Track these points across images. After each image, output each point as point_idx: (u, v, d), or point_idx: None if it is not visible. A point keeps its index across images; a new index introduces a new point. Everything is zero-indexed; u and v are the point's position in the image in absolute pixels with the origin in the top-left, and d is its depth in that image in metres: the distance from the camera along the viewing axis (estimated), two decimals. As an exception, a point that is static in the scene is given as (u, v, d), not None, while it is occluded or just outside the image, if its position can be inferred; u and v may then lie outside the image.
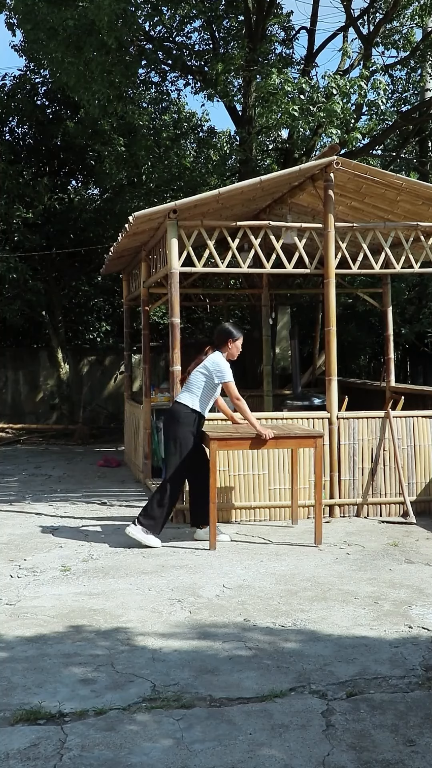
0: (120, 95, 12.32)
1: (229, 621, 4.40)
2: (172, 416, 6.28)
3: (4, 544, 6.31)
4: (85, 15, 10.85)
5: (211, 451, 6.13)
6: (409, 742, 3.03)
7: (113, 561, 5.74)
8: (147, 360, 9.23)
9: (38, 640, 4.14)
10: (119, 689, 3.53)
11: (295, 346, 11.74)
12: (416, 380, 15.55)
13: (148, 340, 9.27)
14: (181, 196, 13.05)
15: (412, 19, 13.53)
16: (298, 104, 10.30)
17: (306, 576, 5.27)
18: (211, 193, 7.11)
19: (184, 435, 6.18)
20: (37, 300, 14.05)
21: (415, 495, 7.36)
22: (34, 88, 14.97)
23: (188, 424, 6.18)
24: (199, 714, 3.28)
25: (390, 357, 10.28)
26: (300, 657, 3.87)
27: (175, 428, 6.20)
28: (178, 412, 6.23)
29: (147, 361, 9.21)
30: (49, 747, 3.02)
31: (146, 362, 9.19)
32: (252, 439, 6.09)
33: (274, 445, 6.20)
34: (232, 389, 6.20)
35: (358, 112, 11.74)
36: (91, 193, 16.56)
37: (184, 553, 5.94)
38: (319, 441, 6.28)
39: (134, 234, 7.70)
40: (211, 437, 6.05)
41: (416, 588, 4.99)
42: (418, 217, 7.95)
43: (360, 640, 4.09)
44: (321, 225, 7.43)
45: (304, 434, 6.32)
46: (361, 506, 7.28)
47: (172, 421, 6.26)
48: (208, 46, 14.01)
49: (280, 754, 2.94)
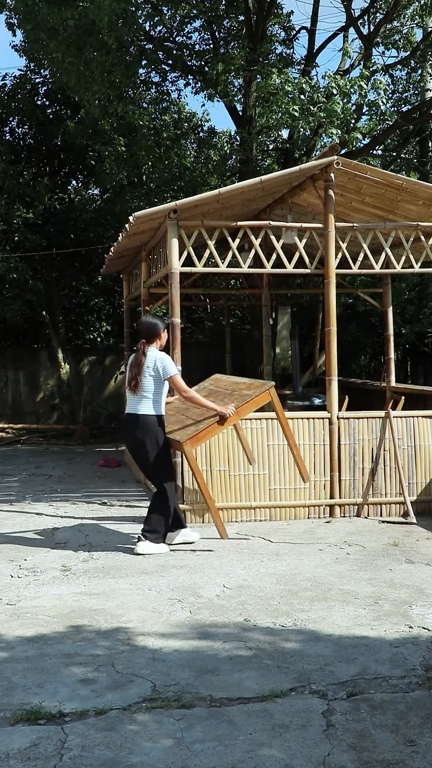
0: (120, 95, 12.33)
1: (230, 621, 4.40)
2: (145, 430, 6.00)
3: (4, 544, 6.31)
4: (86, 15, 10.85)
5: (188, 453, 6.07)
6: (409, 742, 3.03)
7: (113, 561, 5.74)
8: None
9: (38, 640, 4.14)
10: (119, 689, 3.53)
11: (295, 346, 11.74)
12: (416, 380, 15.55)
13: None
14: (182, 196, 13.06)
15: (412, 19, 13.54)
16: (298, 104, 10.30)
17: (306, 576, 5.27)
18: (211, 193, 7.11)
19: (160, 440, 6.05)
20: (38, 300, 14.05)
21: (416, 495, 7.36)
22: (35, 88, 14.97)
23: (159, 430, 6.06)
24: (200, 714, 3.28)
25: (390, 357, 10.28)
26: (300, 657, 3.87)
27: (151, 439, 6.01)
28: (147, 424, 6.01)
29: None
30: (49, 747, 3.02)
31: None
32: (217, 421, 6.11)
33: (237, 417, 6.21)
34: (179, 383, 6.08)
35: (359, 112, 11.74)
36: (92, 193, 16.57)
37: (184, 553, 5.94)
38: (272, 390, 6.32)
39: (134, 234, 7.70)
40: (181, 441, 6.00)
41: (416, 588, 4.99)
42: (418, 217, 7.95)
43: (360, 640, 4.09)
44: (321, 225, 7.43)
45: (258, 392, 6.26)
46: (361, 506, 7.28)
47: (147, 435, 6.00)
48: (209, 46, 14.01)
49: (280, 754, 2.94)
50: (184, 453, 6.14)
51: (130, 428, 6.09)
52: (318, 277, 11.98)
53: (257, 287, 11.59)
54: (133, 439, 6.10)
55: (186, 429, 6.21)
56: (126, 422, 6.16)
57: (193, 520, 6.94)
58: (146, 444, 6.02)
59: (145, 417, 6.03)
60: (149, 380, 6.04)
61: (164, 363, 6.07)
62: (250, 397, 6.24)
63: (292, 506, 7.15)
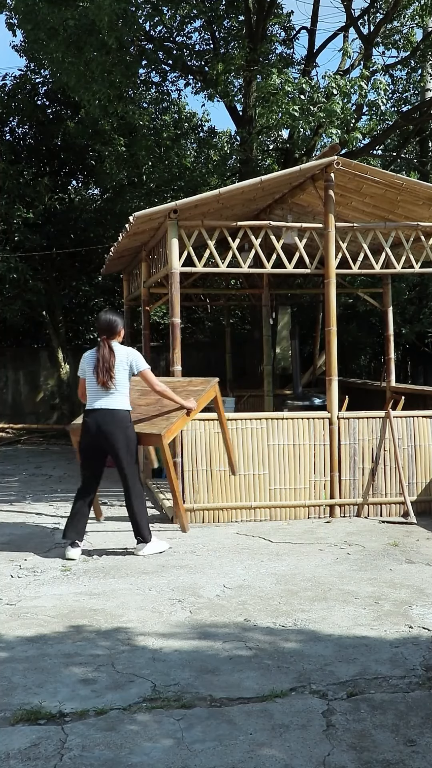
0: (120, 95, 12.33)
1: (230, 621, 4.40)
2: (120, 425, 5.93)
3: (4, 544, 6.31)
4: (86, 15, 10.85)
5: (166, 446, 6.10)
6: (409, 742, 3.03)
7: (113, 561, 5.74)
8: (147, 360, 9.22)
9: (39, 640, 4.14)
10: (120, 689, 3.53)
11: (295, 346, 11.74)
12: (416, 380, 15.55)
13: (148, 340, 9.29)
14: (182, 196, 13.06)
15: (412, 19, 13.55)
16: (298, 104, 10.30)
17: (306, 576, 5.27)
18: (211, 193, 7.12)
19: (132, 435, 6.01)
20: (38, 300, 14.05)
21: (416, 495, 7.36)
22: (35, 88, 14.98)
23: (130, 425, 6.03)
24: (200, 714, 3.28)
25: (390, 357, 10.28)
26: (300, 657, 3.87)
27: (124, 434, 5.94)
28: (123, 419, 5.96)
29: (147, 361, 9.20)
30: (49, 747, 3.02)
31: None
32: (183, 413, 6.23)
33: (198, 410, 6.38)
34: (151, 377, 6.10)
35: (359, 112, 11.74)
36: (92, 193, 16.58)
37: (184, 553, 5.94)
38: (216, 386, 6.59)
39: (135, 234, 7.70)
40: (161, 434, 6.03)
41: (417, 588, 4.98)
42: (418, 217, 7.95)
43: (360, 640, 4.09)
44: (321, 225, 7.43)
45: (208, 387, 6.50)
46: (361, 506, 7.28)
47: (121, 429, 5.93)
48: (209, 46, 14.01)
49: (280, 754, 2.94)
50: (162, 446, 6.14)
51: (102, 423, 5.92)
52: (318, 277, 11.98)
53: (257, 287, 11.59)
54: (107, 434, 5.92)
55: (154, 423, 6.24)
56: (97, 417, 5.94)
57: (193, 519, 6.95)
58: (120, 439, 5.92)
59: (120, 412, 5.97)
60: (123, 375, 6.02)
61: (136, 358, 6.11)
62: (204, 391, 6.44)
63: (292, 506, 7.15)
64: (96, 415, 5.96)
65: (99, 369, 5.96)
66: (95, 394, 5.99)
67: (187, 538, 6.43)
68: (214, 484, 6.99)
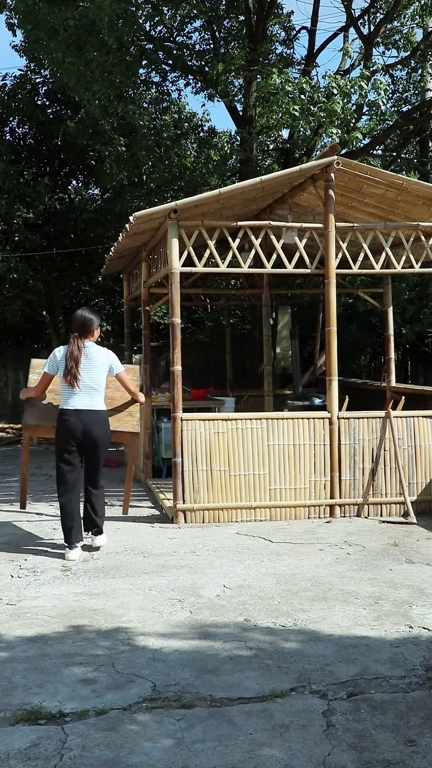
0: (120, 95, 12.34)
1: (230, 621, 4.40)
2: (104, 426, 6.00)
3: (4, 544, 6.31)
4: (86, 15, 10.86)
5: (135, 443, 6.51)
6: (409, 742, 3.03)
7: (114, 561, 5.74)
8: (147, 360, 9.23)
9: (39, 640, 4.14)
10: (120, 689, 3.53)
11: (295, 346, 11.73)
12: (417, 380, 15.56)
13: (148, 340, 9.28)
14: (182, 196, 13.07)
15: (412, 19, 13.55)
16: (298, 104, 10.31)
17: (306, 576, 5.27)
18: (211, 193, 7.11)
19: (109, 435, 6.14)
20: (38, 300, 14.06)
21: (416, 495, 7.36)
22: (35, 88, 14.99)
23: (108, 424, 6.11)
24: (200, 714, 3.28)
25: (390, 357, 10.28)
26: (300, 657, 3.87)
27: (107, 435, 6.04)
28: (106, 419, 6.04)
29: (147, 361, 9.21)
30: (49, 747, 3.02)
31: (147, 362, 9.19)
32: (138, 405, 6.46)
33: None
34: (126, 378, 6.23)
35: (359, 112, 11.74)
36: (92, 193, 16.58)
37: (184, 553, 5.94)
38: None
39: (135, 234, 7.70)
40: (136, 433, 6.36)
41: (417, 588, 4.98)
42: (418, 217, 7.95)
43: (360, 640, 4.09)
44: (321, 225, 7.42)
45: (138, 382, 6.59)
46: (361, 506, 7.28)
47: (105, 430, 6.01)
48: (209, 46, 14.02)
49: (280, 754, 2.94)
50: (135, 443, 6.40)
51: (88, 424, 5.91)
52: (318, 277, 11.98)
53: (257, 287, 11.58)
54: (94, 435, 5.92)
55: (120, 419, 6.35)
56: (83, 418, 5.90)
57: (193, 519, 6.95)
58: (104, 440, 6.04)
59: (102, 412, 6.04)
60: (103, 375, 6.05)
61: (115, 360, 6.21)
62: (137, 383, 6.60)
63: (292, 506, 7.15)
64: (82, 416, 5.92)
65: (67, 367, 5.94)
66: (72, 393, 5.94)
67: (188, 538, 6.44)
68: (214, 484, 6.99)
